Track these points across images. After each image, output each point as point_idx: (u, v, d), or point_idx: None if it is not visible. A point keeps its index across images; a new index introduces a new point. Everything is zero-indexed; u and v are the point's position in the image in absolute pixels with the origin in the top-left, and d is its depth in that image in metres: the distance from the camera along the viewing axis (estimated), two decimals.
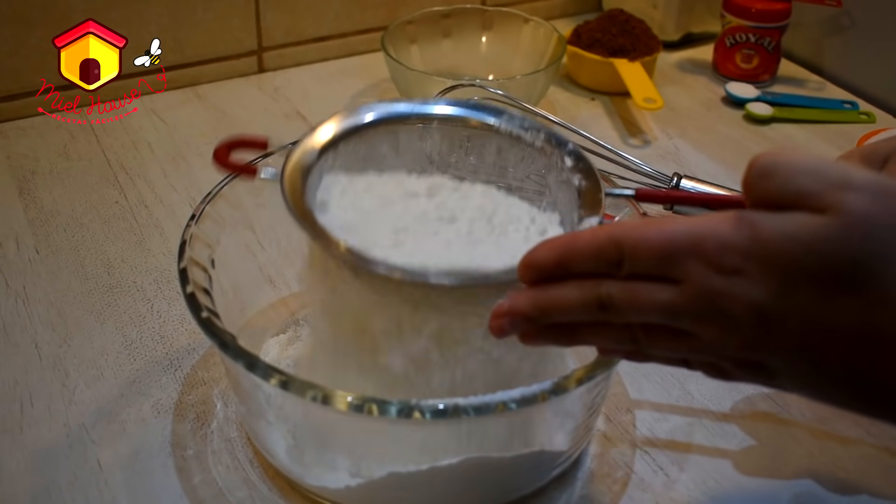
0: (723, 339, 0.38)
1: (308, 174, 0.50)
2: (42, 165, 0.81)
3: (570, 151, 0.54)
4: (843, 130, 0.92)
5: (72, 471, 0.54)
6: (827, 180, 0.36)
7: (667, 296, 0.38)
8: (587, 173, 0.53)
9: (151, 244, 0.73)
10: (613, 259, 0.39)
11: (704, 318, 0.38)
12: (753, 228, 0.36)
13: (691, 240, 0.37)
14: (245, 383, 0.52)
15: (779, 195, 0.36)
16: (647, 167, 0.76)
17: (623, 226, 0.39)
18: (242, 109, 0.91)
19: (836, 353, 0.36)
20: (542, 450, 0.51)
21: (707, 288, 0.37)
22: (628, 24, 0.96)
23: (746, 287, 0.36)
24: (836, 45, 1.01)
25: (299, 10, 0.96)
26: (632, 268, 0.39)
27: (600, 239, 0.39)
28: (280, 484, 0.54)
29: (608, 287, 0.39)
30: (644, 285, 0.38)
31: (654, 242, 0.38)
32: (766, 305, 0.36)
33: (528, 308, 0.41)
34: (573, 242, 0.40)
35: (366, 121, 0.54)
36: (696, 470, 0.56)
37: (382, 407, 0.44)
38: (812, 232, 0.35)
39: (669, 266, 0.38)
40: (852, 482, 0.55)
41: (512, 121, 0.56)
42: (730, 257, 0.36)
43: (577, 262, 0.40)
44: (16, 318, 0.65)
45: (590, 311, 0.40)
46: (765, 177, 0.37)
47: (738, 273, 0.36)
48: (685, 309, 0.38)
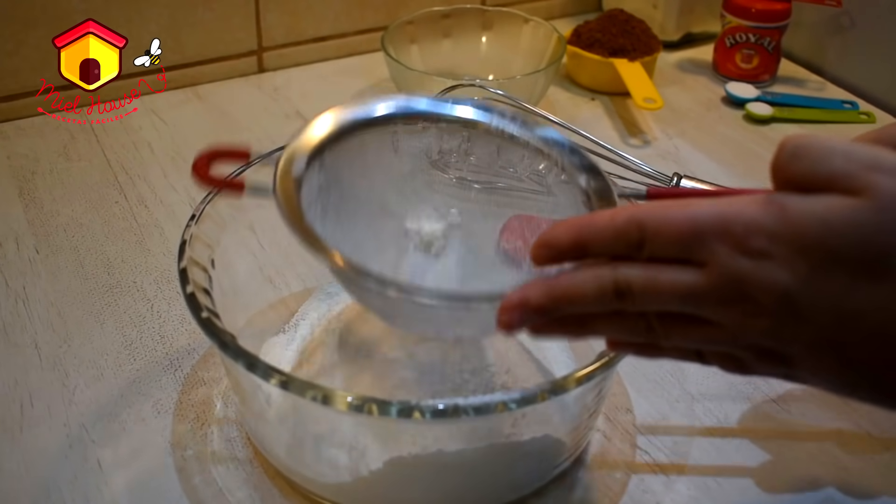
0: (746, 326, 0.36)
1: (301, 184, 0.48)
2: (42, 165, 0.81)
3: (578, 154, 0.53)
4: (843, 130, 0.92)
5: (72, 471, 0.54)
6: (859, 162, 0.35)
7: (690, 279, 0.36)
8: (595, 175, 0.52)
9: (151, 244, 0.73)
10: (634, 240, 0.37)
11: (728, 303, 0.36)
12: (783, 210, 0.35)
13: (718, 221, 0.36)
14: (245, 383, 0.52)
15: (810, 176, 0.35)
16: (647, 167, 0.76)
17: (645, 206, 0.38)
18: (242, 109, 0.91)
19: (865, 343, 0.35)
20: (545, 435, 0.51)
21: (733, 271, 0.36)
22: (628, 24, 0.96)
23: (774, 270, 0.35)
24: (836, 45, 1.01)
25: (299, 10, 0.96)
26: (653, 249, 0.37)
27: (620, 219, 0.38)
28: (280, 484, 0.54)
29: (626, 272, 0.38)
30: (665, 268, 0.37)
31: (678, 223, 0.36)
32: (795, 290, 0.35)
33: (541, 299, 0.39)
34: (592, 222, 0.39)
35: (357, 121, 0.53)
36: (696, 470, 0.56)
37: (382, 407, 0.44)
38: (844, 215, 0.34)
39: (694, 248, 0.36)
40: (853, 482, 0.55)
41: (515, 121, 0.55)
42: (758, 239, 0.35)
43: (595, 242, 0.38)
44: (16, 318, 0.65)
45: (606, 299, 0.38)
46: (796, 158, 0.36)
47: (766, 256, 0.35)
48: (708, 293, 0.36)
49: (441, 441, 0.49)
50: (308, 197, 0.48)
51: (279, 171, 0.48)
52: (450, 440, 0.49)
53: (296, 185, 0.48)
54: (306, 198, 0.48)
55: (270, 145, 0.72)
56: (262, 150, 0.59)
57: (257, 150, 0.77)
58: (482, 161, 0.56)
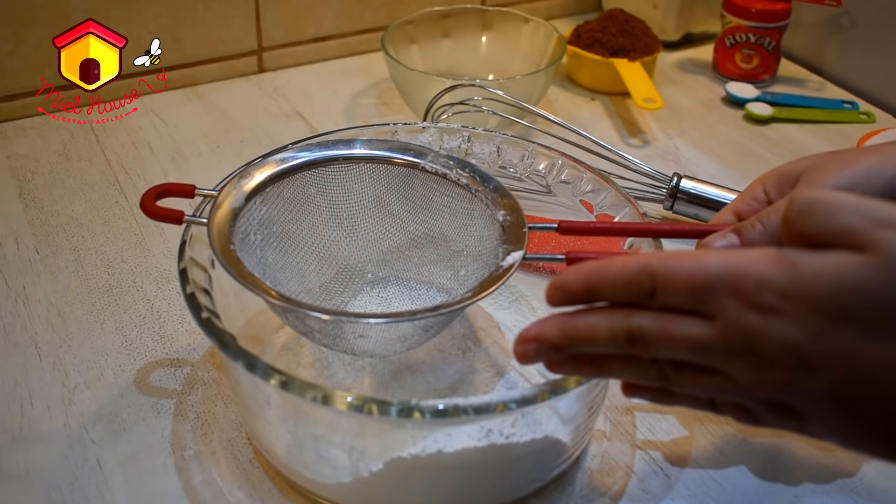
0: (755, 380, 0.37)
1: (237, 218, 0.53)
2: (42, 165, 0.81)
3: (496, 188, 0.57)
4: (843, 130, 0.92)
5: (72, 471, 0.54)
6: (867, 217, 0.35)
7: (699, 331, 0.37)
8: (512, 209, 0.56)
9: (151, 244, 0.73)
10: (646, 289, 0.38)
11: (737, 357, 0.37)
12: (794, 267, 0.35)
13: (728, 275, 0.36)
14: (245, 383, 0.52)
15: (819, 232, 0.36)
16: (647, 167, 0.76)
17: (657, 255, 0.39)
18: (242, 109, 0.91)
19: (878, 398, 0.35)
20: (545, 436, 0.51)
21: (742, 326, 0.36)
22: (628, 24, 0.96)
23: (784, 327, 0.35)
24: (836, 45, 1.01)
25: (299, 10, 0.96)
26: (664, 299, 0.38)
27: (632, 268, 0.38)
28: (280, 484, 0.54)
29: (639, 319, 0.38)
30: (676, 319, 0.38)
31: (688, 275, 0.37)
32: (805, 347, 0.35)
33: (555, 336, 0.40)
34: (604, 269, 0.39)
35: (292, 164, 0.57)
36: (696, 470, 0.56)
37: (382, 407, 0.44)
38: (854, 272, 0.34)
39: (704, 300, 0.37)
40: (854, 482, 0.55)
41: (437, 160, 0.59)
42: (768, 295, 0.35)
43: (607, 289, 0.39)
44: (16, 318, 0.65)
45: (618, 343, 0.39)
46: (805, 214, 0.36)
47: (776, 312, 0.35)
48: (718, 346, 0.37)
49: (441, 441, 0.49)
50: (247, 226, 0.54)
51: (216, 202, 0.54)
52: (450, 440, 0.49)
53: (232, 215, 0.53)
54: (244, 227, 0.54)
55: (270, 145, 0.72)
56: (261, 151, 0.60)
57: (257, 150, 0.77)
58: (410, 201, 0.60)
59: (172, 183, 0.56)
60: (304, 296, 0.58)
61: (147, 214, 0.54)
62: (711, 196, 0.75)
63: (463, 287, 0.57)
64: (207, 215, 0.53)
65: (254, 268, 0.52)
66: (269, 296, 0.50)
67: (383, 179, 0.60)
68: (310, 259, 0.59)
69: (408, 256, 0.62)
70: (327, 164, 0.59)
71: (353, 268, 0.61)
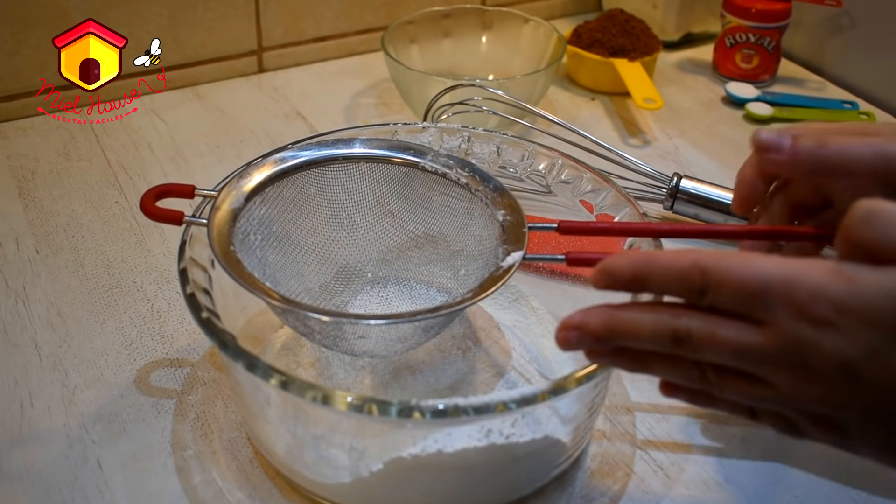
0: (800, 391, 0.37)
1: (237, 218, 0.53)
2: (42, 165, 0.81)
3: (496, 188, 0.57)
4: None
5: (72, 471, 0.54)
6: None
7: (749, 338, 0.37)
8: (512, 209, 0.55)
9: (151, 244, 0.73)
10: (696, 286, 0.38)
11: (784, 367, 0.36)
12: (851, 282, 0.35)
13: (783, 283, 0.36)
14: (245, 383, 0.52)
15: (878, 243, 0.35)
16: (647, 167, 0.76)
17: (709, 253, 0.38)
18: (242, 109, 0.91)
19: None
20: (545, 436, 0.51)
21: (794, 337, 0.36)
22: (628, 24, 0.96)
23: (838, 340, 0.35)
24: (836, 45, 1.01)
25: (299, 10, 0.96)
26: (714, 300, 0.37)
27: (684, 262, 0.38)
28: (280, 484, 0.54)
29: (687, 321, 0.38)
30: (726, 322, 0.37)
31: (743, 278, 0.36)
32: (858, 363, 0.35)
33: (598, 326, 0.40)
34: (655, 259, 0.39)
35: (292, 164, 0.57)
36: (696, 470, 0.56)
37: (382, 407, 0.44)
38: None
39: (755, 306, 0.36)
40: (854, 483, 0.55)
41: (437, 159, 0.59)
42: (823, 308, 0.35)
43: (655, 279, 0.39)
44: (16, 318, 0.65)
45: (663, 342, 0.39)
46: (867, 223, 0.36)
47: (830, 325, 0.35)
48: (766, 355, 0.37)
49: (441, 441, 0.49)
50: (247, 227, 0.54)
51: (216, 203, 0.54)
52: (450, 440, 0.49)
53: (232, 215, 0.53)
54: (244, 228, 0.54)
55: (271, 145, 0.72)
56: (261, 151, 0.60)
57: (257, 150, 0.77)
58: (409, 201, 0.60)
59: (172, 183, 0.56)
60: (304, 296, 0.58)
61: (147, 215, 0.54)
62: (711, 196, 0.75)
63: (463, 287, 0.57)
64: (207, 216, 0.53)
65: (254, 268, 0.52)
66: (270, 297, 0.50)
67: (383, 179, 0.60)
68: (310, 259, 0.59)
69: (408, 256, 0.62)
70: (327, 163, 0.59)
71: (352, 268, 0.61)
